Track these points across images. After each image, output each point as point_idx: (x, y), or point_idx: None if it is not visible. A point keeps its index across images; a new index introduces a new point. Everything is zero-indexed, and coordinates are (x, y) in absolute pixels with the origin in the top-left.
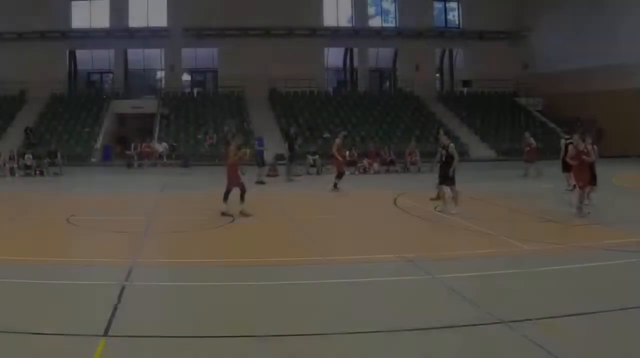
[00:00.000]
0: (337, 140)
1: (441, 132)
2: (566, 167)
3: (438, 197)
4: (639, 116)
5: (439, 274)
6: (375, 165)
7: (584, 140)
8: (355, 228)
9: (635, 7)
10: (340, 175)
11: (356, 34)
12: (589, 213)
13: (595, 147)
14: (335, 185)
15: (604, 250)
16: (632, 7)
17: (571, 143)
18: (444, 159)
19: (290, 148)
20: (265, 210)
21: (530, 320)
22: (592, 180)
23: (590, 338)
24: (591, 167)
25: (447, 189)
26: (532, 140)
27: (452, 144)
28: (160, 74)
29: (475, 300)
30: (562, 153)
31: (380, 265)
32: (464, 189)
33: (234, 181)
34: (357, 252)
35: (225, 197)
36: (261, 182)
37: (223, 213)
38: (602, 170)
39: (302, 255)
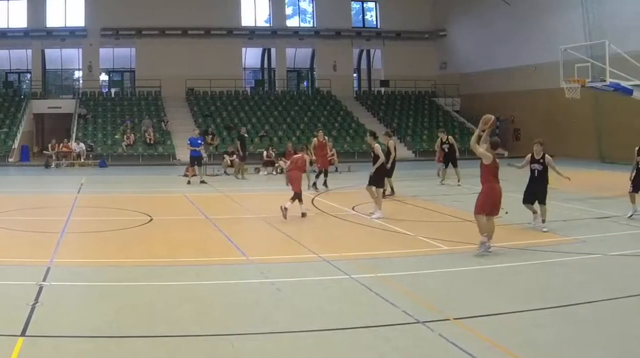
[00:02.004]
0: (314, 139)
1: (367, 133)
2: None
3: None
4: (553, 116)
5: (355, 274)
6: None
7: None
8: (274, 228)
9: (546, 9)
10: (320, 174)
11: (274, 34)
12: (506, 213)
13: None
14: (314, 185)
15: (522, 250)
16: (543, 9)
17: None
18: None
19: (242, 148)
20: (186, 210)
21: (448, 319)
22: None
23: (507, 337)
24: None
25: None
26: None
27: (377, 145)
28: (78, 74)
29: (392, 300)
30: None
31: (298, 265)
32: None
33: None
34: (276, 252)
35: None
36: (203, 182)
37: None
38: (524, 171)
39: (222, 255)
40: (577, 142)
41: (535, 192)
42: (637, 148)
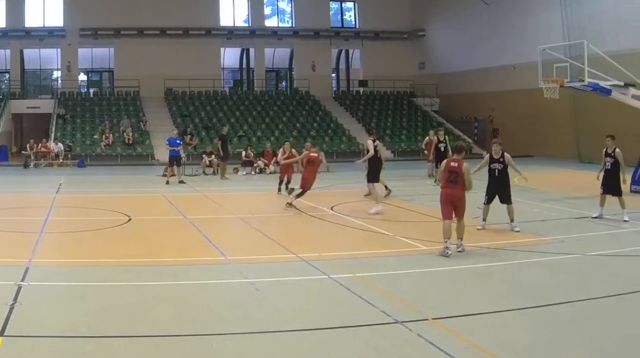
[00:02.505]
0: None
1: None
2: None
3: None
4: (532, 116)
5: (334, 274)
6: (272, 166)
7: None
8: (253, 228)
9: (525, 9)
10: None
11: (252, 34)
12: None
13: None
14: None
15: (501, 250)
16: (522, 9)
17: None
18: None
19: (223, 148)
20: (165, 210)
21: (427, 320)
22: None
23: (486, 337)
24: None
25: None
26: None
27: (369, 141)
28: (56, 74)
29: (371, 300)
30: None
31: (277, 265)
32: (361, 190)
33: None
34: (254, 252)
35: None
36: (182, 182)
37: None
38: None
39: (201, 255)
40: (556, 142)
41: (497, 192)
42: (604, 149)
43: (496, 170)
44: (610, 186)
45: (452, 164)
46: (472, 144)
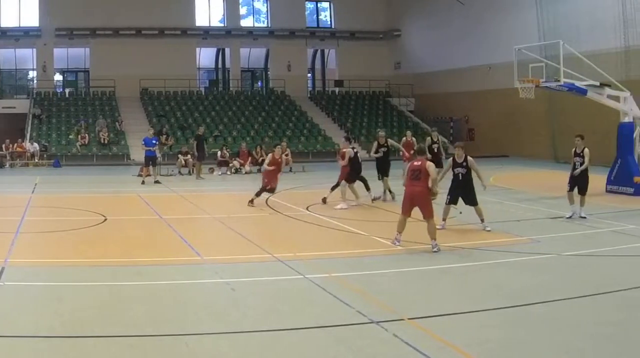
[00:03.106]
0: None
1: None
2: None
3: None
4: (507, 116)
5: (310, 274)
6: (247, 166)
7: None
8: (229, 228)
9: (500, 9)
10: (262, 191)
11: (228, 34)
12: (460, 213)
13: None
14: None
15: (476, 250)
16: (497, 9)
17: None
18: None
19: (199, 148)
20: (141, 210)
21: (402, 319)
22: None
23: (461, 337)
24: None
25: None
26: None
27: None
28: (32, 74)
29: (347, 300)
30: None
31: (253, 265)
32: (337, 190)
33: None
34: (230, 252)
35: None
36: (157, 182)
37: None
38: (480, 170)
39: (176, 255)
40: (531, 141)
41: (462, 195)
42: (573, 149)
43: (460, 174)
44: (577, 184)
45: (416, 163)
46: (447, 144)
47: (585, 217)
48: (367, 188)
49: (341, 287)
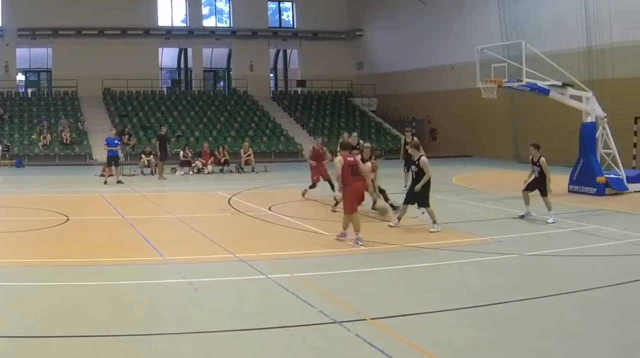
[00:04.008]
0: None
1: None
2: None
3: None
4: (469, 116)
5: (272, 274)
6: (210, 166)
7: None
8: (191, 228)
9: (462, 9)
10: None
11: (190, 34)
12: (423, 213)
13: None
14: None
15: (440, 250)
16: (459, 9)
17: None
18: None
19: (162, 148)
20: (103, 210)
21: (365, 320)
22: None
23: (424, 337)
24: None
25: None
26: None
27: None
28: None
29: (309, 300)
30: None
31: (215, 265)
32: (299, 190)
33: None
34: (194, 252)
35: None
36: (120, 182)
37: None
38: (442, 170)
39: (139, 255)
40: (494, 142)
41: (415, 193)
42: (530, 157)
43: (413, 173)
44: (537, 187)
45: (349, 159)
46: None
47: (552, 222)
48: (333, 187)
49: (304, 287)
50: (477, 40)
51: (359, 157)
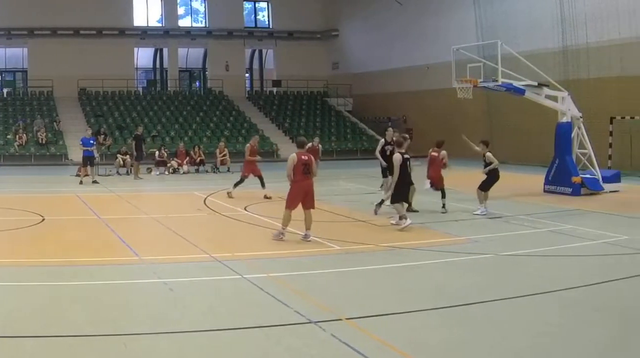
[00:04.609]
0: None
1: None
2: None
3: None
4: (445, 116)
5: (248, 274)
6: (185, 166)
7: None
8: (167, 228)
9: (438, 9)
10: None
11: (166, 34)
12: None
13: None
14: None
15: (415, 250)
16: (435, 9)
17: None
18: None
19: (138, 148)
20: (79, 210)
21: (340, 319)
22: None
23: (399, 337)
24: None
25: None
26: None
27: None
28: None
29: (285, 300)
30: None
31: (191, 265)
32: (275, 190)
33: None
34: (168, 252)
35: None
36: (95, 182)
37: None
38: (418, 170)
39: (114, 255)
40: (470, 141)
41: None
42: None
43: (410, 167)
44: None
45: (304, 157)
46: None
47: (477, 214)
48: (263, 184)
49: (279, 287)
50: (452, 40)
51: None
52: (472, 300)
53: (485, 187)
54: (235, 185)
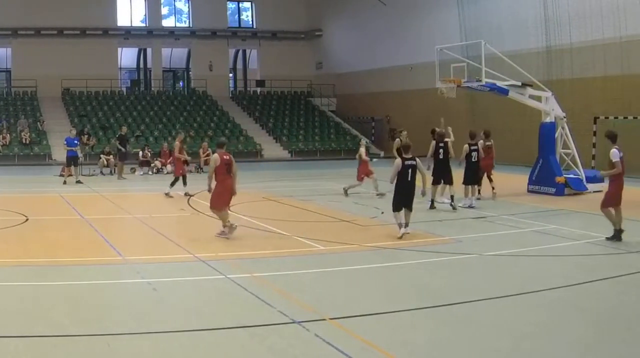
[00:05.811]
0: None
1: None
2: None
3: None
4: (429, 116)
5: (231, 274)
6: (169, 166)
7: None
8: (151, 228)
9: (422, 9)
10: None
11: (150, 34)
12: (382, 213)
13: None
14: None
15: (399, 250)
16: (419, 9)
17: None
18: None
19: (122, 148)
20: (63, 210)
21: (324, 320)
22: None
23: (383, 337)
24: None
25: None
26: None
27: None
28: None
29: (268, 300)
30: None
31: (174, 265)
32: (259, 190)
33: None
34: (152, 252)
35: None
36: (79, 182)
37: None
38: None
39: (98, 255)
40: (454, 141)
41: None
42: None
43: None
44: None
45: (225, 156)
46: (369, 143)
47: (460, 206)
48: (185, 183)
49: (263, 287)
50: (436, 40)
51: None
52: (456, 300)
53: (464, 180)
54: (171, 184)
